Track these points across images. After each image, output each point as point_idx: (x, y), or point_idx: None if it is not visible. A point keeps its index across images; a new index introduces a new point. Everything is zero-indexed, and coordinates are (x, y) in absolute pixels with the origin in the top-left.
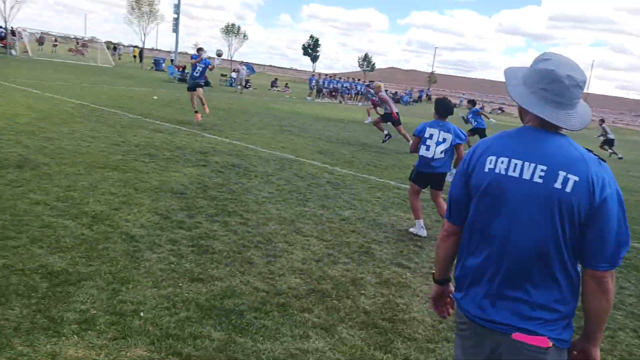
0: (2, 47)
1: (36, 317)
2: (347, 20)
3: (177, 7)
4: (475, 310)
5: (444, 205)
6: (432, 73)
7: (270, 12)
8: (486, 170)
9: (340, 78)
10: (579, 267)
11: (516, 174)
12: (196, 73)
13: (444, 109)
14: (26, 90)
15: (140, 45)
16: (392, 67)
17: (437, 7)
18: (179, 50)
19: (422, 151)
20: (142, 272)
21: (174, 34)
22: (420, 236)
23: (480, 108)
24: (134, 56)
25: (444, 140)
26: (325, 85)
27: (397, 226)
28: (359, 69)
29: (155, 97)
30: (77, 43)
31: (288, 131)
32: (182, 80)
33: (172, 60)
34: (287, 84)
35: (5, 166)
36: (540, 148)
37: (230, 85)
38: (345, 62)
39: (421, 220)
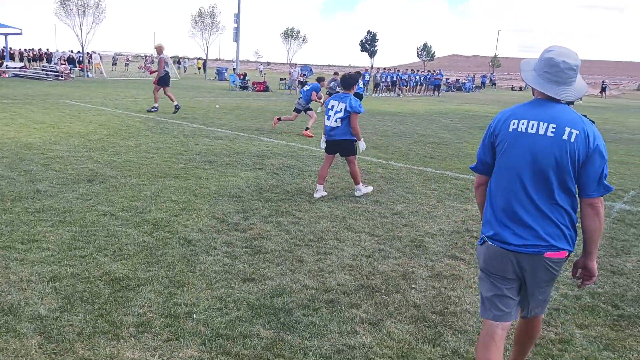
0: (80, 70)
1: (98, 322)
2: (406, 10)
3: (237, 17)
4: (508, 236)
5: (356, 172)
6: (494, 57)
7: (328, 12)
8: (510, 130)
9: (398, 70)
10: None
11: (534, 131)
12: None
13: (344, 82)
14: (99, 109)
15: (204, 57)
16: (454, 55)
17: None
18: (241, 58)
19: (325, 121)
20: (197, 274)
21: (235, 43)
22: (323, 196)
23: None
24: (198, 68)
25: (341, 109)
26: (383, 79)
27: (453, 218)
28: (418, 60)
29: (217, 106)
30: (146, 60)
31: None
32: (243, 87)
33: (234, 69)
34: None
35: (77, 181)
36: (550, 112)
37: (288, 88)
38: (405, 53)
39: (321, 186)
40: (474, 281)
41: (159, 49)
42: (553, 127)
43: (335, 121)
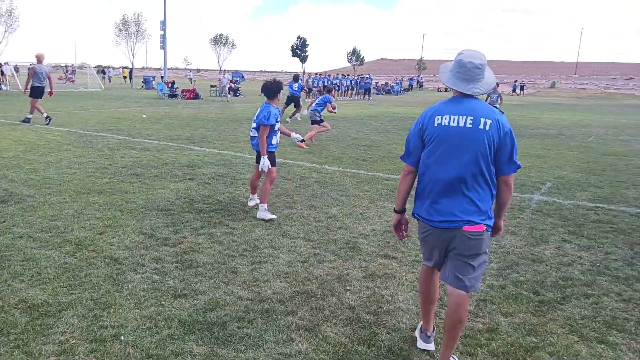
0: None
1: (14, 354)
2: (335, 16)
3: (163, 24)
4: (435, 215)
5: (265, 190)
6: (420, 60)
7: (258, 17)
8: (436, 125)
9: (329, 75)
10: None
11: (455, 124)
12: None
13: (265, 90)
14: (14, 123)
15: (130, 66)
16: (382, 59)
17: None
18: (169, 65)
19: None
20: (124, 294)
21: (162, 50)
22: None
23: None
24: (124, 77)
25: (255, 120)
26: (315, 84)
27: (385, 217)
28: (348, 64)
29: (144, 116)
30: (67, 71)
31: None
32: (172, 96)
33: (162, 77)
34: None
35: None
36: (467, 107)
37: (219, 95)
38: (335, 58)
39: (255, 195)
40: (406, 279)
41: (38, 58)
42: (471, 119)
43: (252, 130)
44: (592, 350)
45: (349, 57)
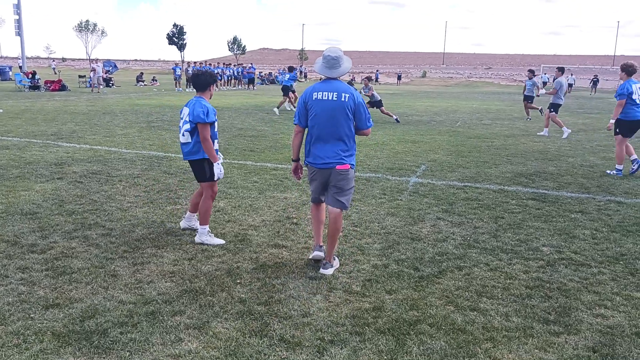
0: None
1: None
2: (215, 4)
3: (17, 7)
4: (318, 160)
5: (206, 207)
6: (302, 50)
7: (128, 4)
8: (314, 99)
9: (210, 64)
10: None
11: (326, 98)
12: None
13: (194, 82)
14: None
15: None
16: (264, 48)
17: None
18: (29, 54)
19: None
20: None
21: (19, 37)
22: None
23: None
24: None
25: (188, 120)
26: None
27: (274, 207)
28: (230, 53)
29: (0, 110)
30: None
31: (156, 126)
32: (34, 87)
33: (20, 67)
34: (154, 77)
35: None
36: (333, 86)
37: (90, 86)
38: (216, 47)
39: (196, 222)
40: (297, 266)
41: None
42: (335, 94)
43: (183, 135)
44: (467, 318)
45: (230, 46)
